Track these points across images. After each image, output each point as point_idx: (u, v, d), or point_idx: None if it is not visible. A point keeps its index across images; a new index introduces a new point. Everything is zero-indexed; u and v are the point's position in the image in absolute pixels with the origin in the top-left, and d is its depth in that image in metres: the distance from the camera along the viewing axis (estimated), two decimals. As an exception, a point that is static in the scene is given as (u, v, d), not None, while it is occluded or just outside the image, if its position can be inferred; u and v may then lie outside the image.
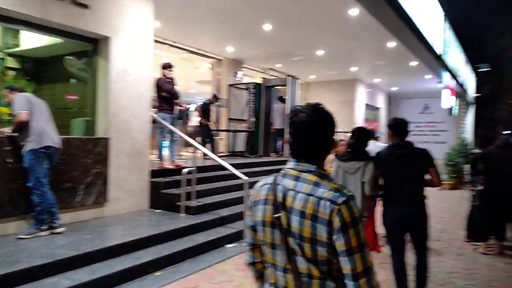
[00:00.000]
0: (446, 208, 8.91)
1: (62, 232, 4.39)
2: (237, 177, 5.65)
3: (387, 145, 3.84)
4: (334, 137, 1.43)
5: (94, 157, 5.11)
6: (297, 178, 1.36)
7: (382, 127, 18.38)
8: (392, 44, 9.55)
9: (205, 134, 9.41)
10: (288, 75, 11.20)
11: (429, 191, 3.44)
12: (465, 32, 21.20)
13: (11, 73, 6.42)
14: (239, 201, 6.13)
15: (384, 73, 14.35)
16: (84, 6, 4.92)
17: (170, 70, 6.50)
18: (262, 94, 10.84)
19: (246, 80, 12.36)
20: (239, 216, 5.80)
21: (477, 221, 5.71)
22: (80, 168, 4.95)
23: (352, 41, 9.46)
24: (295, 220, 1.30)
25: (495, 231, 5.51)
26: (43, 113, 4.32)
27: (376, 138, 6.85)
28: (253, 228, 1.47)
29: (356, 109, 15.44)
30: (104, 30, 5.21)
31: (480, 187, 5.53)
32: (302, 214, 1.29)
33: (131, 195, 5.67)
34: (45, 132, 4.23)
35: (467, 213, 6.17)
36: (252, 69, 13.04)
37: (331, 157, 6.28)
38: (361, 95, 15.99)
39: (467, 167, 10.66)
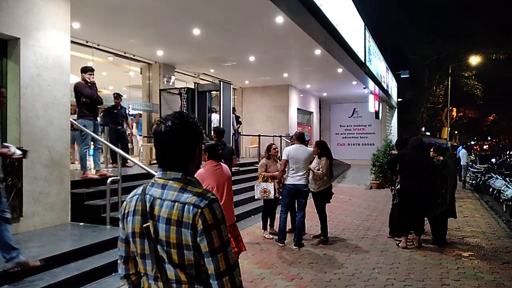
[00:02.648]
0: (373, 206, 9.42)
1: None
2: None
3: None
4: (199, 144, 1.46)
5: (4, 169, 4.65)
6: (164, 187, 1.37)
7: (313, 131, 19.08)
8: (318, 51, 9.92)
9: (112, 139, 8.16)
10: (221, 80, 11.17)
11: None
12: (386, 42, 22.77)
13: None
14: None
15: (314, 79, 14.89)
16: (-12, 4, 4.49)
17: (91, 74, 6.13)
18: (195, 99, 10.68)
19: (179, 84, 12.13)
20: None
21: (397, 218, 6.08)
22: (-14, 181, 4.47)
23: (281, 48, 9.68)
24: (161, 228, 1.32)
25: (413, 226, 5.92)
26: None
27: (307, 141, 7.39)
28: (126, 241, 1.46)
29: (290, 113, 15.86)
30: (11, 31, 4.77)
31: (398, 186, 5.91)
32: (168, 221, 1.31)
33: (51, 209, 5.25)
34: None
35: (390, 210, 6.57)
36: (185, 74, 12.85)
37: (263, 161, 6.39)
38: (294, 100, 16.46)
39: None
